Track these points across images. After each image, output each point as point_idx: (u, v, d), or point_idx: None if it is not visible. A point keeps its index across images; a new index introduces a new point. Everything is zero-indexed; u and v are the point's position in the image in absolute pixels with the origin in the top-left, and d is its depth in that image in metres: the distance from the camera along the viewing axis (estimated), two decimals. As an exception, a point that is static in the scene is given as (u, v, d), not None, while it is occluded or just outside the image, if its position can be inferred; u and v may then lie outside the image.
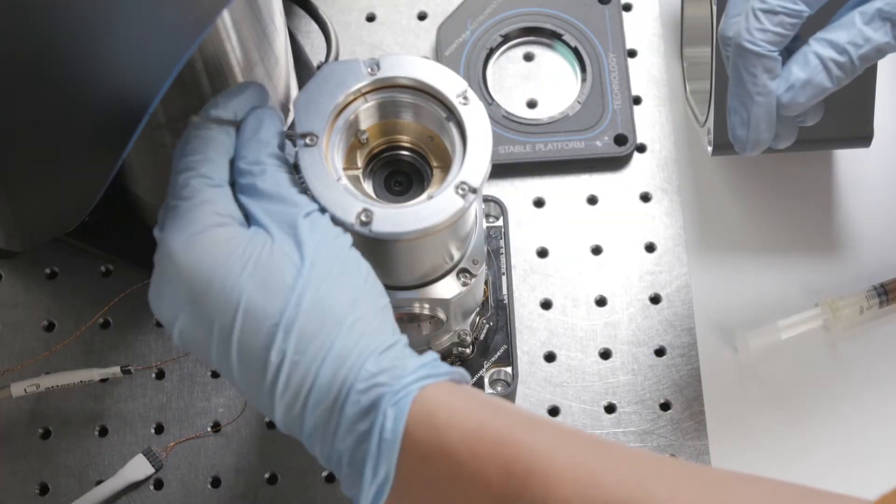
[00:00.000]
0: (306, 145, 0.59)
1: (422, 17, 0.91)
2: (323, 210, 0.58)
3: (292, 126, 0.60)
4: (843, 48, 0.64)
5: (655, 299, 0.83)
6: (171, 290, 0.57)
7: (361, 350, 0.55)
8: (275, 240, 0.56)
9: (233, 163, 0.60)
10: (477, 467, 0.53)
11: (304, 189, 0.59)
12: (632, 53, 0.90)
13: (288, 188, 0.58)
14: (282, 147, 0.60)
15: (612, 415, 0.79)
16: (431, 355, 0.56)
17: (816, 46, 0.64)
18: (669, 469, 0.54)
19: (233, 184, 0.59)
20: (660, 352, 0.81)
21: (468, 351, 0.70)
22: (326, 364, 0.55)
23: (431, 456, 0.54)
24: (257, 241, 0.56)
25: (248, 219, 0.58)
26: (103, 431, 0.79)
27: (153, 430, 0.79)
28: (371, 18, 0.91)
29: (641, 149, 0.87)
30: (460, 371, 0.56)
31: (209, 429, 0.78)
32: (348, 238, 0.57)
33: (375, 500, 0.54)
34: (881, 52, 0.64)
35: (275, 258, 0.56)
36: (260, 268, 0.56)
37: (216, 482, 0.78)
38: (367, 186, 0.62)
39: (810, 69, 0.64)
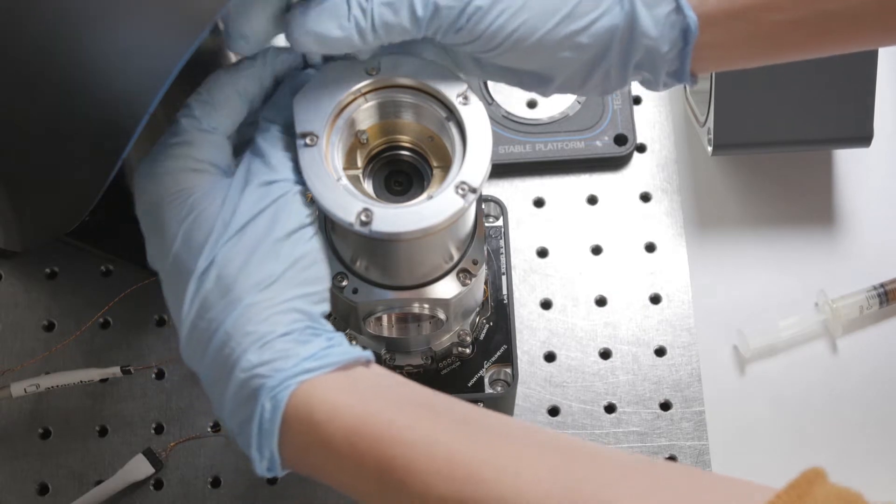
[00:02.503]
0: (306, 145, 0.59)
1: (422, 17, 0.91)
2: (303, 184, 0.58)
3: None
4: None
5: (655, 299, 0.83)
6: (140, 217, 0.59)
7: (246, 335, 0.55)
8: (226, 201, 0.57)
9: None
10: (357, 464, 0.53)
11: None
12: (632, 53, 0.90)
13: (278, 152, 0.58)
14: None
15: (612, 415, 0.79)
16: (323, 342, 0.55)
17: None
18: (549, 459, 0.52)
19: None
20: (660, 352, 0.81)
21: (468, 351, 0.70)
22: (217, 337, 0.55)
23: (313, 448, 0.54)
24: (211, 197, 0.57)
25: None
26: (103, 431, 0.79)
27: (153, 430, 0.79)
28: (371, 18, 0.91)
29: (641, 149, 0.87)
30: (355, 354, 0.56)
31: (209, 429, 0.78)
32: (300, 219, 0.57)
33: (269, 472, 0.56)
34: (404, 17, 0.59)
35: (209, 219, 0.56)
36: (196, 224, 0.56)
37: (216, 482, 0.78)
38: (367, 186, 0.62)
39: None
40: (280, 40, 0.61)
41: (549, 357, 0.81)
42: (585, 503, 0.50)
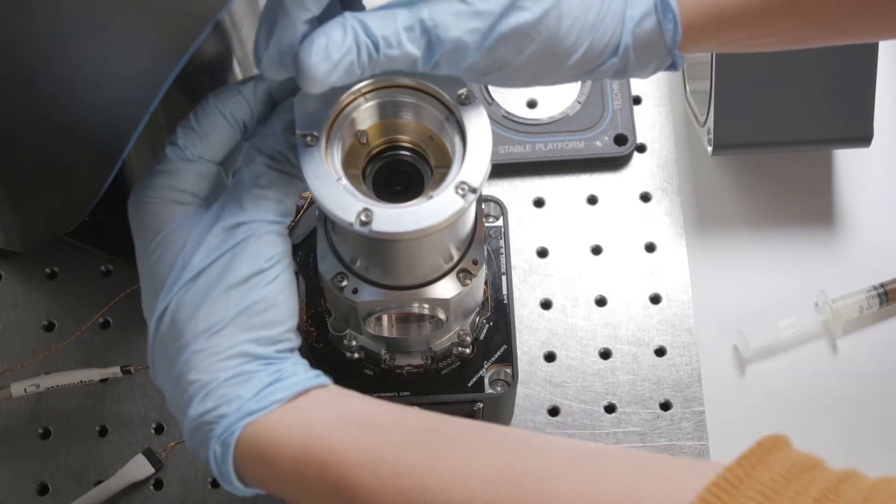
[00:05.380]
0: (306, 145, 0.58)
1: (422, 17, 0.91)
2: (279, 223, 0.58)
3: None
4: (376, 38, 0.56)
5: (655, 299, 0.83)
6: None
7: (191, 383, 0.56)
8: (189, 242, 0.57)
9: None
10: (310, 492, 0.55)
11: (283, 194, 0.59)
12: (632, 53, 0.90)
13: (254, 189, 0.58)
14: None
15: (612, 415, 0.79)
16: (267, 379, 0.56)
17: (352, 21, 0.56)
18: (498, 458, 0.53)
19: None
20: (660, 352, 0.81)
21: (468, 351, 0.70)
22: (171, 378, 0.57)
23: (268, 480, 0.56)
24: (179, 234, 0.58)
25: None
26: (103, 431, 0.79)
27: (153, 430, 0.79)
28: (371, 18, 0.91)
29: (641, 149, 0.87)
30: (301, 386, 0.57)
31: (209, 429, 0.78)
32: (259, 264, 0.57)
33: (249, 493, 0.58)
34: (406, 62, 0.57)
35: (171, 259, 0.57)
36: (160, 263, 0.57)
37: (216, 482, 0.78)
38: (367, 186, 0.62)
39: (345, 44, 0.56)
40: None
41: (549, 357, 0.81)
42: (531, 499, 0.50)
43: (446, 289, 0.63)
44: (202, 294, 0.56)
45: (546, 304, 0.83)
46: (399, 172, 0.63)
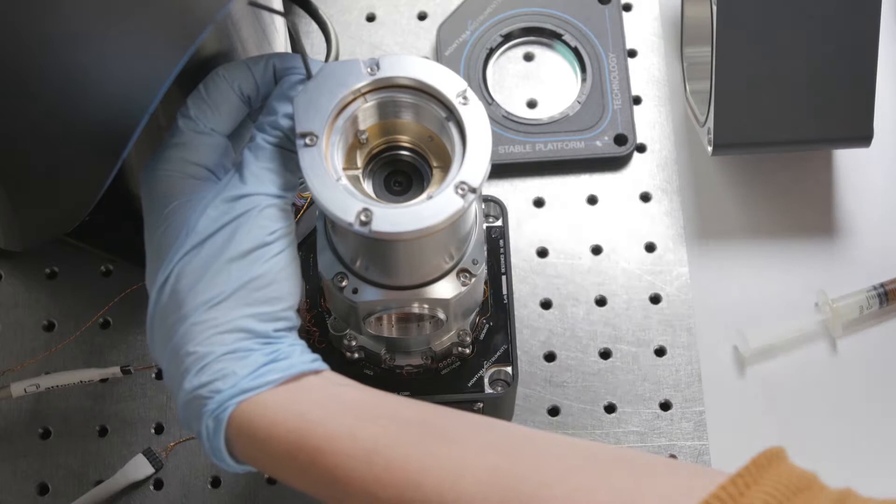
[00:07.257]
0: (306, 145, 0.59)
1: (422, 17, 0.91)
2: (281, 197, 0.59)
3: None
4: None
5: (655, 299, 0.83)
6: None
7: (188, 355, 0.56)
8: (193, 213, 0.58)
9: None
10: (302, 475, 0.55)
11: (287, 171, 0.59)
12: (632, 53, 0.90)
13: (256, 163, 0.59)
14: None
15: (612, 415, 0.79)
16: (264, 358, 0.56)
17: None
18: (492, 460, 0.53)
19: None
20: (660, 352, 0.81)
21: (468, 351, 0.70)
22: (168, 349, 0.57)
23: (260, 459, 0.57)
24: (188, 206, 0.58)
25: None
26: (103, 431, 0.79)
27: (153, 430, 0.79)
28: (371, 18, 0.91)
29: (641, 149, 0.87)
30: (298, 369, 0.57)
31: (209, 429, 0.78)
32: (261, 238, 0.58)
33: (241, 470, 0.58)
34: None
35: (177, 230, 0.57)
36: (167, 233, 0.58)
37: (216, 482, 0.78)
38: (367, 186, 0.62)
39: None
40: None
41: (549, 357, 0.81)
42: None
43: (446, 289, 0.64)
44: (204, 265, 0.57)
45: (546, 304, 0.83)
46: (399, 172, 0.63)
